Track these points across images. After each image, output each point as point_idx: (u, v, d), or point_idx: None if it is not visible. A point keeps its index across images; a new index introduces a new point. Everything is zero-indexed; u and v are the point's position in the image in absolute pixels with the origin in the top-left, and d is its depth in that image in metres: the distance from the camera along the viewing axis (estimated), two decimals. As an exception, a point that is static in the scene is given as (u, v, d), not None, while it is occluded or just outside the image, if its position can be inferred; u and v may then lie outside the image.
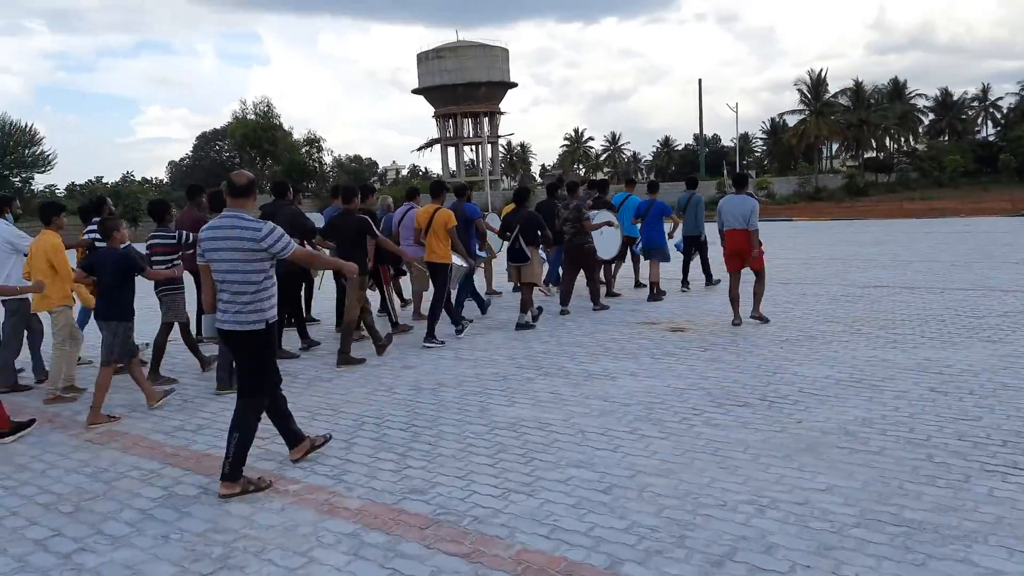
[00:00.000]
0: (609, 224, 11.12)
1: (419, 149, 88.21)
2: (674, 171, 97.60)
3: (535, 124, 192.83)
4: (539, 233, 10.15)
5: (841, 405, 5.99)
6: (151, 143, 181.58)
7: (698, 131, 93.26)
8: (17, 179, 51.32)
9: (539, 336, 9.36)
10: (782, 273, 14.49)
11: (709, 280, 13.16)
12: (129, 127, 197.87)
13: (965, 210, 34.11)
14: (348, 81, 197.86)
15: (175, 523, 4.28)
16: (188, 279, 7.34)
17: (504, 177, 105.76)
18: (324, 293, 11.44)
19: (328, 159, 72.38)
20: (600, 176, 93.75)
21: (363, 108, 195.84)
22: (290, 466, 5.09)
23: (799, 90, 74.73)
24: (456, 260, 9.38)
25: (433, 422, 5.93)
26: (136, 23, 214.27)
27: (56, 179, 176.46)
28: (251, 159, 66.53)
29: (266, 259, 4.70)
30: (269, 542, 3.98)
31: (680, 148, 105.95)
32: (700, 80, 55.37)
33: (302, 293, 10.00)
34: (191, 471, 5.08)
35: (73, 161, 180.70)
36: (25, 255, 7.49)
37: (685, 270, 12.96)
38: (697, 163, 75.31)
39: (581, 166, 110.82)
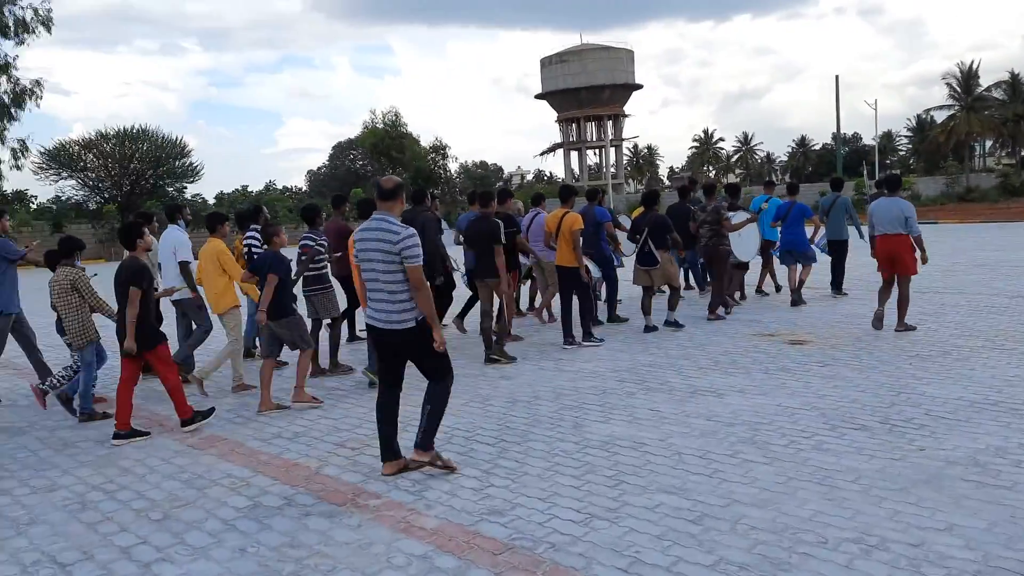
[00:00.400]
0: (751, 221, 11.13)
1: (542, 154, 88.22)
2: (811, 172, 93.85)
3: (664, 126, 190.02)
4: (668, 236, 9.96)
5: (973, 431, 5.41)
6: (293, 153, 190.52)
7: (836, 130, 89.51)
8: (172, 189, 54.63)
9: (647, 347, 9.02)
10: (919, 281, 13.40)
11: (838, 289, 12.42)
12: (273, 138, 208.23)
13: None
14: (475, 88, 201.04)
15: (255, 535, 4.26)
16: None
17: (630, 180, 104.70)
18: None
19: (453, 166, 73.58)
20: (732, 179, 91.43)
21: (490, 114, 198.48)
22: (376, 479, 5.01)
23: (948, 84, 70.29)
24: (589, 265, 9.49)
25: (523, 437, 5.74)
26: (279, 39, 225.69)
27: (206, 188, 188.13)
28: (382, 167, 68.60)
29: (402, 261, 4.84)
30: (340, 561, 3.89)
31: (817, 148, 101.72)
32: (837, 77, 52.63)
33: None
34: (279, 480, 5.09)
35: (222, 171, 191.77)
36: (186, 262, 8.00)
37: (834, 272, 12.36)
38: (835, 163, 72.15)
39: (711, 168, 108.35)
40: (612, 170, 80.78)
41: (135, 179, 51.77)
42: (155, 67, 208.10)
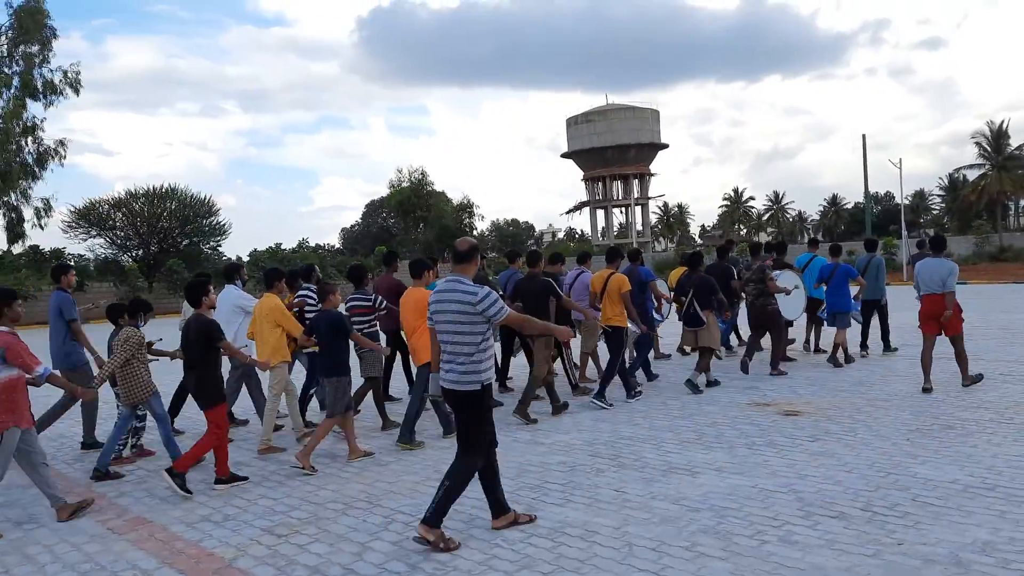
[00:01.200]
0: (796, 288, 11.23)
1: (568, 212, 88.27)
2: (843, 230, 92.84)
3: (695, 185, 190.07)
4: (713, 298, 9.98)
5: (962, 521, 4.88)
6: (329, 211, 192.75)
7: (864, 189, 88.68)
8: (207, 247, 55.06)
9: (633, 416, 8.55)
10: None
11: (887, 347, 12.31)
12: (308, 197, 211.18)
13: None
14: (508, 147, 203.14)
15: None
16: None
17: (661, 239, 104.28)
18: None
19: (483, 224, 73.80)
20: (764, 237, 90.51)
21: (522, 173, 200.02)
22: (290, 570, 4.59)
23: (977, 143, 69.60)
24: (630, 325, 9.50)
25: (468, 521, 5.30)
26: (316, 101, 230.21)
27: (241, 246, 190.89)
28: (407, 225, 68.99)
29: (483, 322, 4.88)
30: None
31: (849, 206, 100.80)
32: (864, 136, 52.10)
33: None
34: (184, 575, 4.67)
35: (259, 228, 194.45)
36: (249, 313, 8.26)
37: (864, 334, 12.31)
38: (875, 223, 71.27)
39: (742, 226, 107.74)
40: (639, 228, 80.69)
41: (163, 237, 52.37)
42: (196, 128, 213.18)
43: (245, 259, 54.03)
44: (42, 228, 42.32)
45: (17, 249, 43.45)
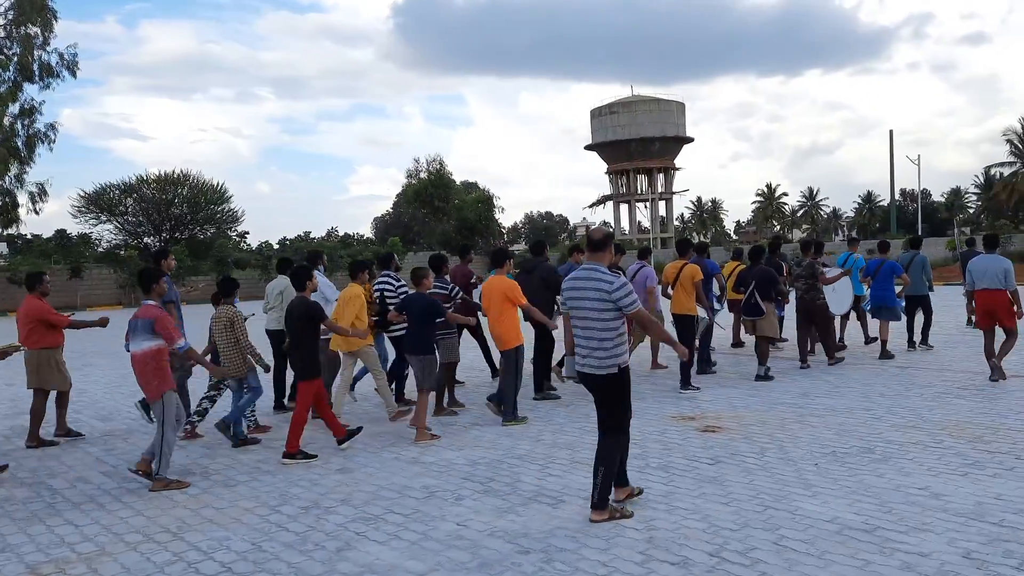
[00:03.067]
0: (844, 274, 11.99)
1: (591, 206, 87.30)
2: (877, 227, 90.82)
3: (733, 180, 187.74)
4: (774, 289, 10.66)
5: (817, 574, 4.26)
6: (363, 200, 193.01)
7: (907, 187, 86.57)
8: (234, 234, 55.04)
9: (544, 430, 7.97)
10: (905, 354, 12.15)
11: (924, 341, 12.63)
12: (343, 185, 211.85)
13: None
14: (545, 139, 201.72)
15: None
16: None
17: (694, 234, 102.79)
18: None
19: (501, 217, 72.74)
20: (798, 234, 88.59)
21: (558, 165, 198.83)
22: None
23: (1008, 141, 67.46)
24: (700, 312, 10.26)
25: (260, 564, 4.75)
26: (351, 88, 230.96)
27: (272, 234, 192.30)
28: (426, 216, 68.42)
29: (616, 309, 5.07)
30: None
31: (884, 203, 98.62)
32: (891, 132, 50.90)
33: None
34: None
35: (294, 216, 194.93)
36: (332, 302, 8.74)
37: (910, 329, 12.66)
38: (904, 220, 69.48)
39: (775, 222, 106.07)
40: (660, 223, 79.61)
41: (174, 224, 52.50)
42: (230, 114, 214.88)
43: (275, 247, 54.15)
44: (37, 213, 42.56)
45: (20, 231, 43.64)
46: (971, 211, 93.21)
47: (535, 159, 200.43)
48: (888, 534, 4.80)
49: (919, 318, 12.62)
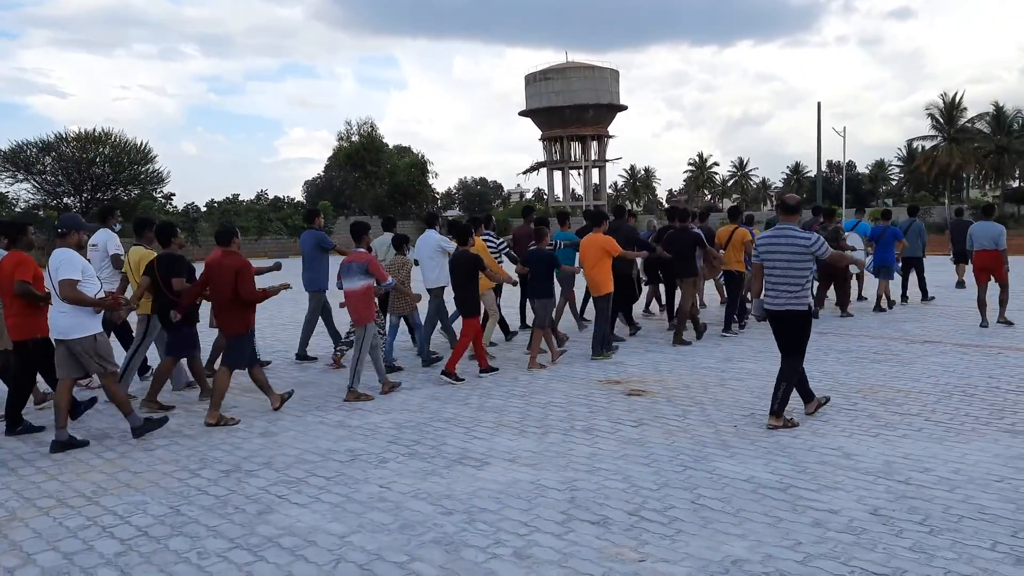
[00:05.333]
0: (854, 248, 13.44)
1: (525, 172, 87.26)
2: (804, 198, 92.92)
3: (667, 149, 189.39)
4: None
5: (729, 532, 4.37)
6: (294, 163, 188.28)
7: (834, 158, 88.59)
8: (160, 196, 53.08)
9: (472, 393, 7.99)
10: (820, 324, 12.51)
11: (925, 296, 14.61)
12: (273, 147, 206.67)
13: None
14: (480, 104, 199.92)
15: None
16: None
17: (628, 202, 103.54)
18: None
19: (435, 182, 71.98)
20: (731, 203, 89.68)
21: (493, 131, 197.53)
22: None
23: (931, 115, 69.60)
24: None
25: (174, 530, 4.65)
26: (281, 48, 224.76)
27: (199, 196, 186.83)
28: (358, 180, 67.33)
29: (810, 260, 6.34)
30: None
31: (811, 174, 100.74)
32: (819, 104, 52.09)
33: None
34: None
35: (221, 178, 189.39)
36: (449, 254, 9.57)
37: (904, 286, 14.82)
38: (830, 191, 71.19)
39: (707, 192, 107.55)
40: (604, 190, 79.98)
41: (95, 184, 50.58)
42: (154, 71, 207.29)
43: (202, 210, 52.58)
44: None
45: None
46: (894, 183, 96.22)
47: (470, 124, 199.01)
48: (801, 492, 4.95)
49: (912, 277, 14.69)
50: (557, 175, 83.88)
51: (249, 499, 5.08)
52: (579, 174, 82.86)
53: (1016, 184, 75.78)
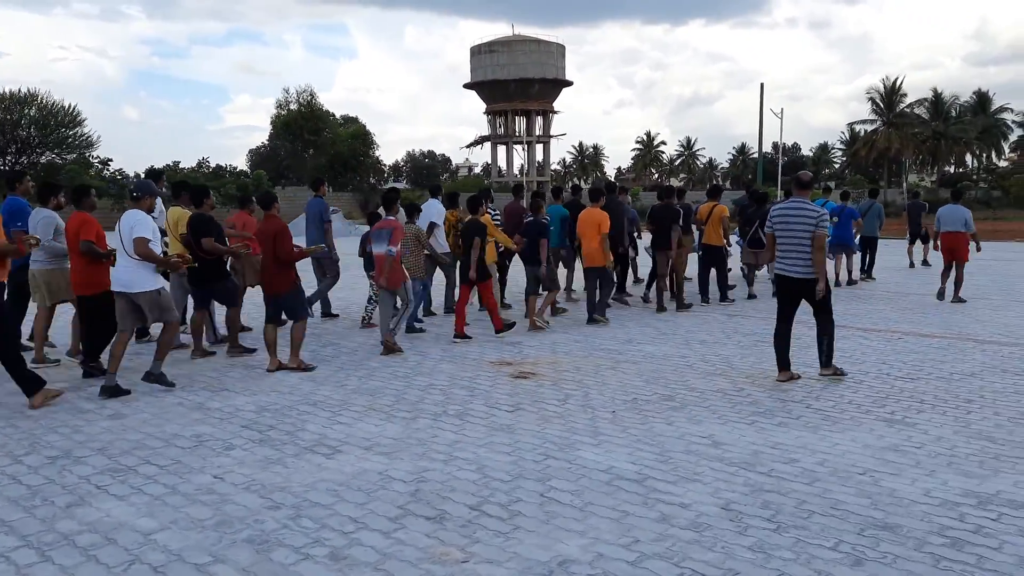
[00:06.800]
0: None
1: (469, 146, 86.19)
2: (750, 179, 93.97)
3: (618, 126, 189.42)
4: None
5: (569, 528, 4.10)
6: (239, 131, 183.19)
7: (777, 139, 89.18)
8: (97, 161, 51.01)
9: (352, 375, 7.63)
10: (737, 306, 12.41)
11: (869, 275, 15.50)
12: (218, 114, 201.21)
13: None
14: (431, 76, 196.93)
15: None
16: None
17: (575, 178, 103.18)
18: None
19: (379, 154, 70.50)
20: (678, 183, 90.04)
21: (443, 103, 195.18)
22: None
23: (871, 99, 70.57)
24: (734, 241, 13.57)
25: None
26: (228, 12, 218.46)
27: (139, 162, 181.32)
28: (297, 149, 65.70)
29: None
30: None
31: (756, 155, 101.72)
32: (762, 85, 52.32)
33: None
34: None
35: (165, 145, 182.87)
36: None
37: (862, 262, 15.51)
38: (771, 171, 71.90)
39: (653, 170, 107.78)
40: (547, 166, 79.59)
41: (20, 146, 48.58)
42: (95, 32, 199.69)
43: (131, 176, 50.62)
44: None
45: None
46: (836, 166, 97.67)
47: (420, 96, 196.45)
48: (657, 484, 4.71)
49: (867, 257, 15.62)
50: (501, 150, 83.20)
51: (65, 490, 4.66)
52: (523, 149, 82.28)
53: (952, 170, 77.45)
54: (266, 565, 3.70)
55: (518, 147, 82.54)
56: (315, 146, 63.44)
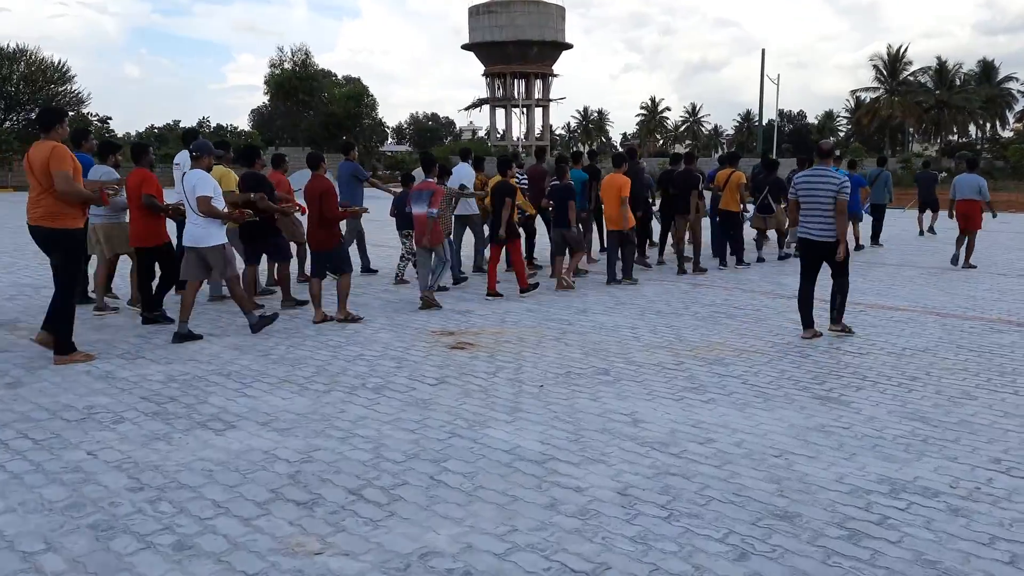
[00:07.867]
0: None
1: (467, 108, 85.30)
2: (755, 146, 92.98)
3: (625, 91, 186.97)
4: (782, 194, 12.60)
5: (451, 514, 3.80)
6: (242, 90, 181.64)
7: (784, 107, 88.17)
8: (96, 119, 50.31)
9: (280, 343, 7.32)
10: (708, 276, 12.07)
11: (875, 242, 15.73)
12: (221, 74, 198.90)
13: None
14: (435, 37, 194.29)
15: None
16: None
17: (579, 143, 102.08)
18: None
19: (381, 114, 69.52)
20: (684, 149, 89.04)
21: (447, 65, 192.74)
22: None
23: (874, 67, 69.54)
24: (748, 208, 13.27)
25: None
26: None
27: (139, 121, 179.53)
28: (292, 109, 64.77)
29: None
30: None
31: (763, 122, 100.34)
32: (763, 51, 51.36)
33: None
34: None
35: (167, 103, 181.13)
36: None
37: (872, 228, 15.85)
38: (776, 138, 70.99)
39: (659, 136, 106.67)
40: (546, 130, 78.74)
41: (9, 104, 48.00)
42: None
43: (109, 135, 50.01)
44: None
45: None
46: (841, 134, 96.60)
47: (424, 58, 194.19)
48: (559, 466, 4.41)
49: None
50: (500, 113, 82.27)
51: (-69, 466, 4.36)
52: (521, 112, 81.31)
53: (956, 139, 76.50)
54: (99, 556, 3.40)
55: (516, 110, 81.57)
56: (309, 107, 62.61)
